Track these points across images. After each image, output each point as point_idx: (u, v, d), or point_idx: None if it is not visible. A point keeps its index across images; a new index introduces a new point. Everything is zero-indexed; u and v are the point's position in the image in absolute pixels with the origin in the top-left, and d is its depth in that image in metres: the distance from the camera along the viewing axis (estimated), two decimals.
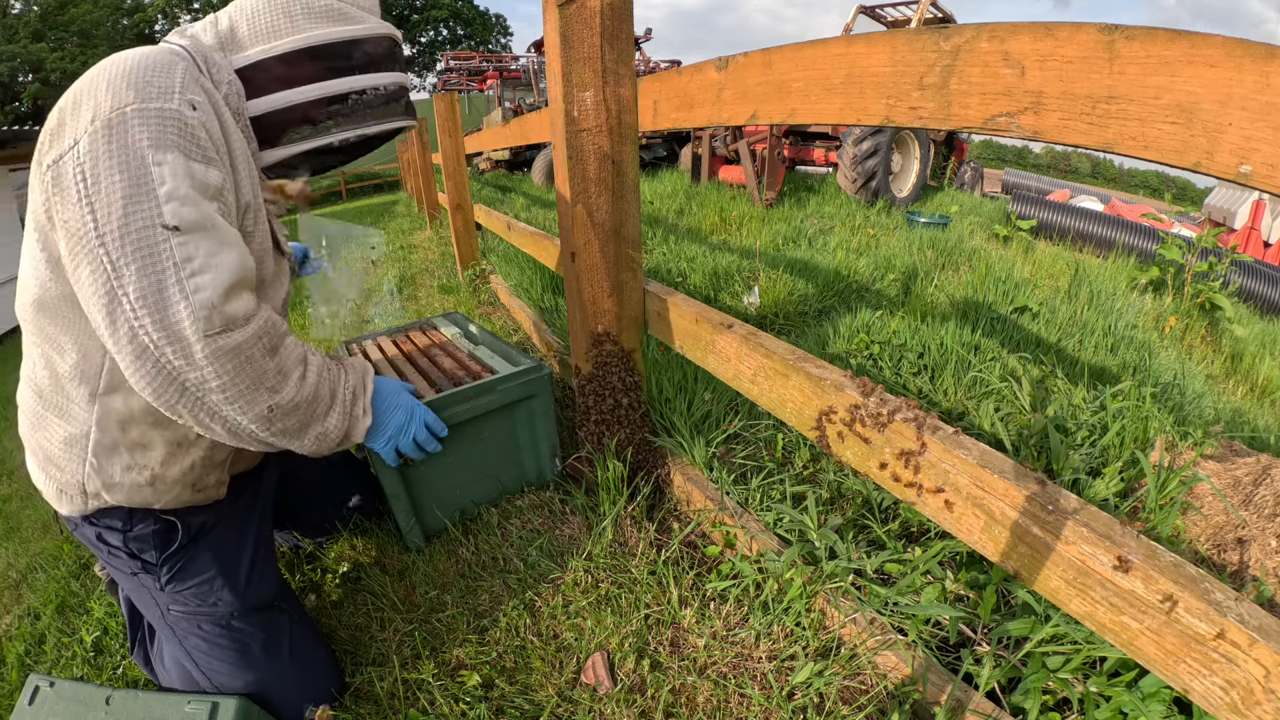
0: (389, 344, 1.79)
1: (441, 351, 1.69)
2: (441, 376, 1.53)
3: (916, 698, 0.96)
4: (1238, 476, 1.36)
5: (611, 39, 1.15)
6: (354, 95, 1.00)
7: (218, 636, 1.04)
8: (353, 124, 1.01)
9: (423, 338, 1.82)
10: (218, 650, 1.04)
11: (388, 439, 1.14)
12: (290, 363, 0.92)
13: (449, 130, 3.95)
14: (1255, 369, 3.72)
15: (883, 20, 8.96)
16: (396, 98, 1.06)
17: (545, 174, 9.79)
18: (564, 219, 1.38)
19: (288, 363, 0.92)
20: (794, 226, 5.48)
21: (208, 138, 0.85)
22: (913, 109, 0.68)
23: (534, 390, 1.48)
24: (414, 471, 1.38)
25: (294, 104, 0.96)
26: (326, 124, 0.99)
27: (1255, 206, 9.61)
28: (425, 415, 1.20)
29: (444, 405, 1.33)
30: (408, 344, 1.79)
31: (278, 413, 0.90)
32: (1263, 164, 0.44)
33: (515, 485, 1.60)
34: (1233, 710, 0.54)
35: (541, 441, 1.57)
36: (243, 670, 1.04)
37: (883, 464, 0.84)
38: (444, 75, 17.45)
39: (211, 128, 0.86)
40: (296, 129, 0.99)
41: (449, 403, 1.34)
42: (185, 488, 0.99)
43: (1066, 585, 0.65)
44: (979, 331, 2.48)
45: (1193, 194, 40.78)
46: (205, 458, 1.00)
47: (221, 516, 1.08)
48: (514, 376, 1.44)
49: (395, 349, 1.78)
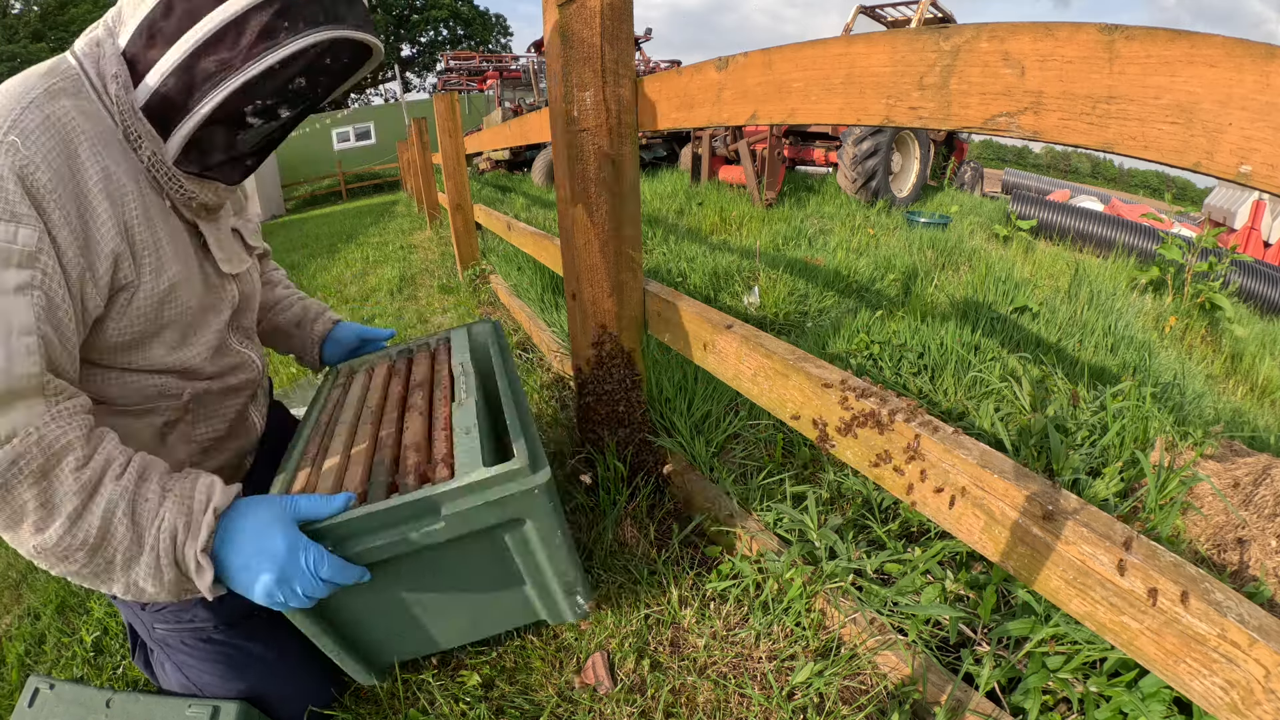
0: (384, 372, 1.29)
1: (422, 402, 1.12)
2: (384, 464, 0.96)
3: (916, 698, 0.96)
4: (1238, 476, 1.36)
5: (611, 39, 1.15)
6: (234, 26, 0.75)
7: (203, 650, 1.03)
8: (251, 60, 0.75)
9: (424, 366, 1.28)
10: (206, 664, 1.03)
11: (259, 594, 0.79)
12: (62, 495, 0.71)
13: (449, 130, 3.95)
14: (1255, 369, 3.72)
15: (883, 20, 8.96)
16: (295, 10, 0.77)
17: (545, 174, 9.79)
18: (564, 219, 1.38)
19: (59, 494, 0.71)
20: (794, 226, 5.48)
21: (18, 189, 0.69)
22: (913, 109, 0.68)
23: (519, 512, 0.89)
24: (336, 609, 0.96)
25: (174, 65, 0.76)
26: (219, 75, 0.76)
27: (1255, 206, 9.61)
28: (315, 563, 0.80)
29: (354, 535, 0.85)
30: (401, 381, 1.25)
31: (49, 555, 0.72)
32: (1263, 164, 0.44)
33: (516, 624, 1.14)
34: (1233, 710, 0.54)
35: (548, 576, 1.01)
36: (233, 680, 1.04)
37: (883, 464, 0.84)
38: (444, 75, 17.47)
39: (45, 170, 0.71)
40: (190, 98, 0.77)
41: (361, 532, 0.85)
42: None
43: (1066, 585, 0.65)
44: (979, 331, 2.48)
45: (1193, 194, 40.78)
46: None
47: None
48: (476, 492, 0.85)
49: (385, 380, 1.26)
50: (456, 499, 0.85)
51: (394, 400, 1.16)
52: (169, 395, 0.96)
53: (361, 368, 1.35)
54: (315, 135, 21.12)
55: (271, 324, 1.36)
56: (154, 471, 0.79)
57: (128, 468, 0.77)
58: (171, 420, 0.97)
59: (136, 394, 0.92)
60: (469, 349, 1.26)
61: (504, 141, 3.19)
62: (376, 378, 1.28)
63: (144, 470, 0.78)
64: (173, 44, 0.76)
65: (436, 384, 1.20)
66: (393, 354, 1.37)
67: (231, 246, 1.04)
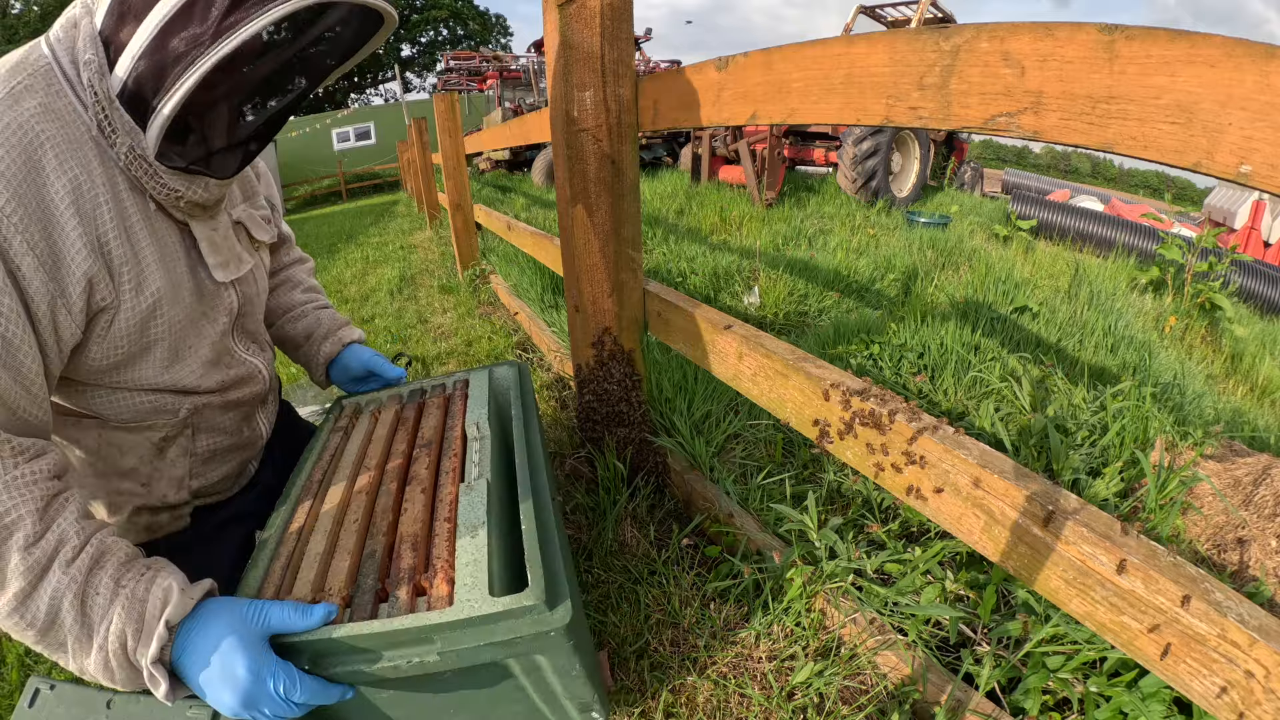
0: (390, 419, 1.10)
1: (427, 474, 0.95)
2: (375, 558, 0.81)
3: (916, 698, 0.96)
4: (1238, 476, 1.36)
5: (611, 39, 1.15)
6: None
7: None
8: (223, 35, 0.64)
9: (435, 418, 1.09)
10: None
11: (225, 711, 0.70)
12: (9, 573, 0.64)
13: (449, 130, 3.95)
14: (1255, 369, 3.72)
15: (883, 20, 8.96)
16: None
17: (545, 174, 9.80)
18: (564, 219, 1.38)
19: (5, 571, 0.65)
20: (794, 226, 5.49)
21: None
22: (913, 109, 0.68)
23: (531, 650, 0.74)
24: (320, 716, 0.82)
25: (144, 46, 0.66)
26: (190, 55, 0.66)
27: (1255, 206, 9.61)
28: (286, 688, 0.70)
29: (334, 654, 0.72)
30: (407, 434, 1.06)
31: (3, 624, 0.67)
32: (1263, 164, 0.44)
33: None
34: (1233, 710, 0.54)
35: (561, 698, 0.87)
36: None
37: (882, 464, 0.84)
38: (444, 75, 17.47)
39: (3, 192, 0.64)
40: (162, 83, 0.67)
41: (342, 652, 0.72)
42: (139, 530, 0.95)
43: (1066, 585, 0.65)
44: (979, 331, 2.48)
45: (1193, 194, 40.79)
46: (144, 506, 0.94)
47: (192, 541, 1.03)
48: (477, 627, 0.70)
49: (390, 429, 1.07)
50: (453, 633, 0.70)
51: (395, 465, 0.99)
52: (164, 412, 0.91)
53: (369, 408, 1.18)
54: (315, 135, 21.11)
55: (281, 332, 1.26)
56: (110, 559, 0.70)
57: (81, 553, 0.68)
58: (169, 435, 0.93)
59: (129, 411, 0.87)
60: (489, 398, 1.09)
61: (504, 141, 3.19)
62: (382, 425, 1.09)
63: (99, 557, 0.69)
64: (142, 20, 0.66)
65: (447, 447, 1.01)
66: (404, 395, 1.21)
67: (230, 247, 0.94)
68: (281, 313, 1.25)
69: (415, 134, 6.79)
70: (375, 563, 0.80)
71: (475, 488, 0.87)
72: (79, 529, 0.70)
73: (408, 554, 0.80)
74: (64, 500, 0.71)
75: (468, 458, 0.94)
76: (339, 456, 1.04)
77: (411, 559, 0.80)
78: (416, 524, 0.85)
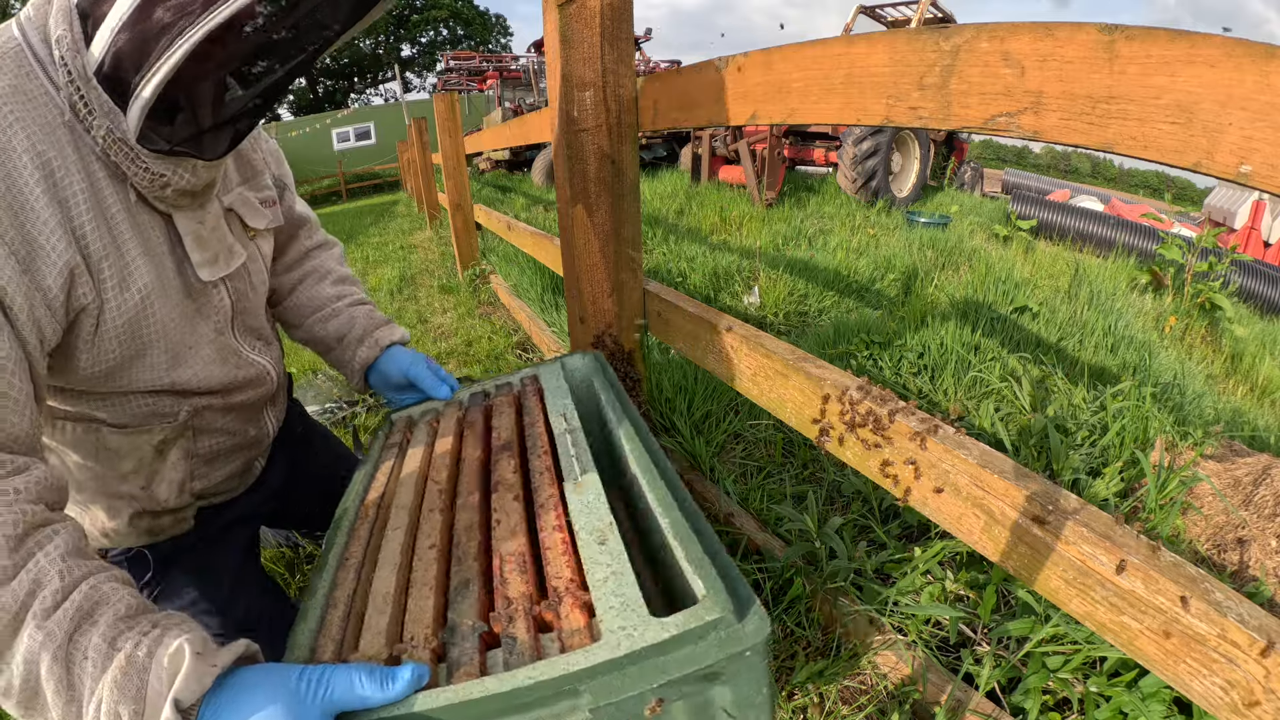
0: (453, 425, 0.95)
1: (514, 477, 0.78)
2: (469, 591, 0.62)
3: (916, 697, 0.96)
4: (1238, 476, 1.36)
5: (611, 39, 1.15)
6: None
7: None
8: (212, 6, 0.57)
9: (507, 418, 0.93)
10: None
11: None
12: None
13: (449, 130, 3.95)
14: (1255, 369, 3.72)
15: (883, 20, 8.96)
16: None
17: (545, 174, 9.80)
18: (564, 219, 1.38)
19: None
20: (794, 226, 5.49)
21: None
22: (913, 109, 0.68)
23: (714, 679, 0.53)
24: None
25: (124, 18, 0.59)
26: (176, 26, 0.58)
27: (1255, 206, 9.61)
28: None
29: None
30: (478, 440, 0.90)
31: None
32: (1263, 164, 0.44)
33: None
34: (1233, 710, 0.54)
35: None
36: None
37: (883, 464, 0.84)
38: (444, 75, 17.49)
39: None
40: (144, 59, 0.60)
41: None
42: (140, 534, 0.92)
43: (1066, 585, 0.65)
44: (979, 331, 2.48)
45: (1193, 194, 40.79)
46: (143, 510, 0.89)
47: (196, 542, 1.00)
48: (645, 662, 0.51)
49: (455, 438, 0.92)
50: (608, 677, 0.50)
51: (471, 471, 0.82)
52: (163, 415, 0.85)
53: (424, 419, 1.00)
54: (315, 135, 21.11)
55: (310, 333, 1.13)
56: (104, 611, 0.54)
57: (64, 601, 0.53)
58: (169, 438, 0.87)
59: (126, 414, 0.82)
60: (569, 391, 0.93)
61: (504, 141, 3.19)
62: (445, 435, 0.92)
63: (89, 608, 0.53)
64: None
65: (531, 445, 0.83)
66: (464, 399, 1.04)
67: (219, 240, 0.84)
68: (310, 310, 1.12)
69: (415, 134, 6.79)
70: (470, 596, 0.61)
71: (585, 484, 0.69)
72: (64, 569, 0.54)
73: (515, 579, 0.61)
74: (49, 533, 0.57)
75: (561, 453, 0.77)
76: (396, 475, 0.87)
77: (522, 584, 0.60)
78: (516, 539, 0.66)
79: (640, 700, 0.50)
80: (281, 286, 1.13)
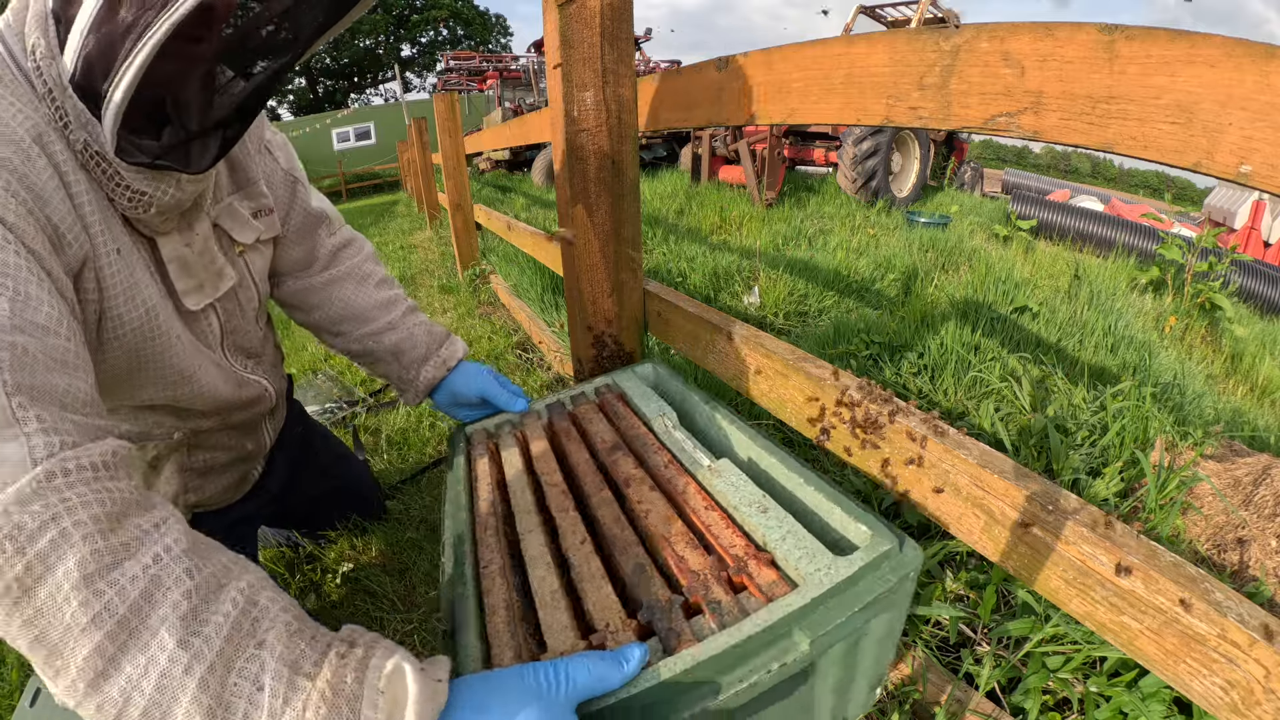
0: (540, 431, 0.97)
1: (640, 471, 0.82)
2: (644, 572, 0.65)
3: (916, 697, 0.96)
4: (1238, 476, 1.36)
5: (611, 39, 1.15)
6: None
7: None
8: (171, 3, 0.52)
9: (599, 423, 0.96)
10: None
11: None
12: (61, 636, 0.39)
13: (449, 130, 3.95)
14: (1255, 369, 3.72)
15: (883, 20, 8.96)
16: None
17: (545, 174, 9.80)
18: (564, 219, 1.38)
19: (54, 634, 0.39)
20: (794, 226, 5.49)
21: None
22: (913, 109, 0.68)
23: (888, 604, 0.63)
24: None
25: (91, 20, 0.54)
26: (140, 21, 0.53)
27: (1255, 206, 9.61)
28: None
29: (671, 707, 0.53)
30: (578, 444, 0.92)
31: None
32: (1263, 164, 0.44)
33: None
34: (1233, 710, 0.54)
35: (861, 680, 0.70)
36: None
37: (883, 464, 0.84)
38: (444, 75, 17.49)
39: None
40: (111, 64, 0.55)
41: (682, 696, 0.53)
42: None
43: (1066, 585, 0.65)
44: (979, 331, 2.48)
45: (1193, 194, 40.79)
46: None
47: None
48: (843, 597, 0.60)
49: (549, 444, 0.94)
50: (818, 612, 0.58)
51: (589, 472, 0.83)
52: (156, 436, 0.83)
53: (503, 430, 0.99)
54: (315, 135, 21.11)
55: (359, 345, 1.06)
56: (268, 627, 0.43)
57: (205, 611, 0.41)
58: (162, 454, 0.86)
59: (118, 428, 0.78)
60: (653, 393, 0.98)
61: (504, 141, 3.19)
62: (534, 442, 0.93)
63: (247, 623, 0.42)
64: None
65: (644, 445, 0.87)
66: (540, 410, 1.04)
67: (208, 264, 0.78)
68: (355, 319, 1.04)
69: (415, 134, 6.78)
70: (650, 578, 0.64)
71: (721, 468, 0.76)
72: (191, 566, 0.43)
73: (692, 555, 0.66)
74: (155, 518, 0.46)
75: (672, 447, 0.83)
76: (499, 484, 0.87)
77: (700, 558, 0.66)
78: (674, 522, 0.71)
79: (843, 628, 0.58)
80: (311, 292, 1.05)
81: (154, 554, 0.42)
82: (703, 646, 0.54)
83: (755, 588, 0.61)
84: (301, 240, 1.02)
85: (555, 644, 0.58)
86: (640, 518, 0.73)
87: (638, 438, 0.89)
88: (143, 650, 0.39)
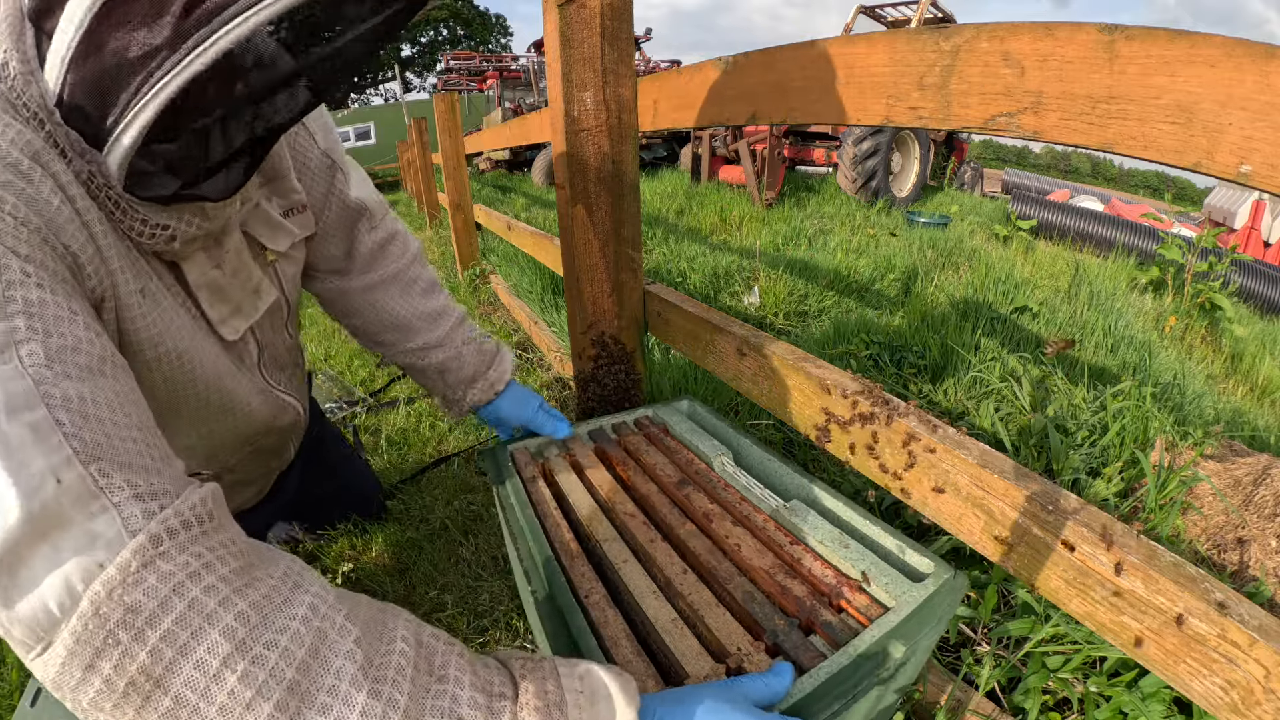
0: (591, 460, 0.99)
1: (716, 506, 0.88)
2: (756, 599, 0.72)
3: (916, 697, 0.96)
4: (1238, 476, 1.36)
5: (611, 39, 1.15)
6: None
7: None
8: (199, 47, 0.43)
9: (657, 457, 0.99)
10: None
11: None
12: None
13: (449, 130, 3.95)
14: (1255, 369, 3.72)
15: (883, 20, 8.96)
16: None
17: (545, 174, 9.80)
18: (564, 219, 1.38)
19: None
20: (794, 226, 5.49)
21: None
22: (913, 109, 0.68)
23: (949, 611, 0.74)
24: None
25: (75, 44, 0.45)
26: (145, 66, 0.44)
27: (1255, 206, 9.61)
28: None
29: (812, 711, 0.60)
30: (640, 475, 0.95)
31: None
32: (1263, 164, 0.44)
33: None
34: (1233, 710, 0.54)
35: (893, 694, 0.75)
36: None
37: (883, 464, 0.84)
38: (444, 75, 17.48)
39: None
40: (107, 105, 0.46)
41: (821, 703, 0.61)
42: None
43: (1066, 585, 0.65)
44: (979, 331, 2.48)
45: (1193, 194, 40.80)
46: None
47: None
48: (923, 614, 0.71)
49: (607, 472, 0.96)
50: (908, 627, 0.69)
51: (663, 505, 0.87)
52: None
53: (549, 453, 1.01)
54: None
55: (404, 358, 1.02)
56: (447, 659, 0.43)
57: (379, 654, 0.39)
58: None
59: None
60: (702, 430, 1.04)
61: (504, 141, 3.19)
62: (590, 470, 0.95)
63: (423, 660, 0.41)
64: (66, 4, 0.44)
65: (710, 484, 0.93)
66: (583, 435, 1.06)
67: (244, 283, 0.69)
68: (399, 330, 0.98)
69: (415, 134, 6.78)
70: (762, 605, 0.72)
71: (795, 509, 0.85)
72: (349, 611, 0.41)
73: (794, 584, 0.75)
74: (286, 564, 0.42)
75: (738, 486, 0.92)
76: (567, 511, 0.89)
77: (801, 586, 0.74)
78: (765, 557, 0.78)
79: (925, 640, 0.69)
80: (349, 296, 0.97)
81: (308, 604, 0.39)
82: (834, 660, 0.63)
83: (854, 610, 0.72)
84: (337, 236, 0.93)
85: (695, 670, 0.62)
86: (732, 551, 0.80)
87: (700, 473, 0.96)
88: (323, 712, 0.36)
